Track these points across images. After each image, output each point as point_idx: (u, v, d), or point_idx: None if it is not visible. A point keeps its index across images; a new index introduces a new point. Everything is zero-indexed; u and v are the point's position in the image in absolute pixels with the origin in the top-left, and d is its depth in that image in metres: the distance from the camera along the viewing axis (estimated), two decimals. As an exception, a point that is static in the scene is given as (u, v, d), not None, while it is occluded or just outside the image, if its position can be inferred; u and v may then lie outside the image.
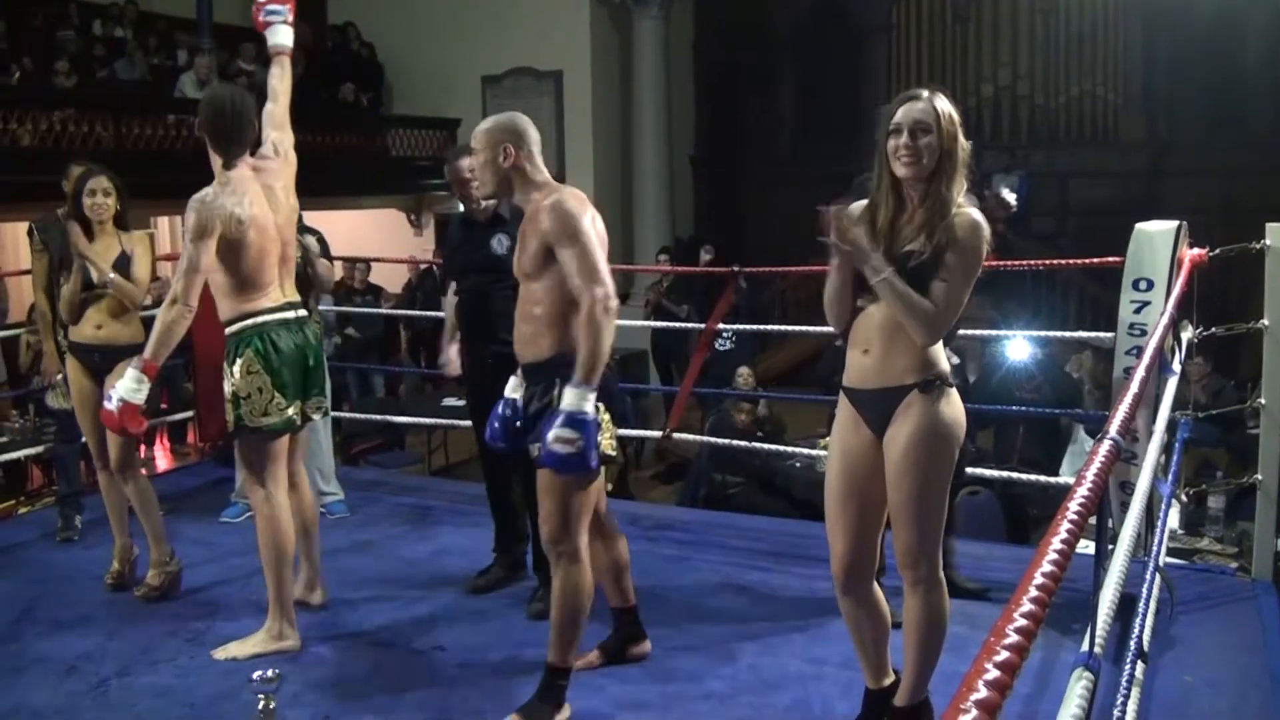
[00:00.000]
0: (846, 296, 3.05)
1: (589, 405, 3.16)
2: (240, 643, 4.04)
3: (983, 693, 1.00)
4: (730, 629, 4.22)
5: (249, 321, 3.93)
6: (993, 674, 1.03)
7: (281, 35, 4.42)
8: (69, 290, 4.61)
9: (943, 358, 2.99)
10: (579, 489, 3.36)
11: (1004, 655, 1.07)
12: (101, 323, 4.64)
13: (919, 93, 2.93)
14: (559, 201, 3.31)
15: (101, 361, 4.63)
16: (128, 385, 3.73)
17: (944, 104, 2.90)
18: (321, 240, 5.35)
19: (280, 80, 4.35)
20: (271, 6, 4.45)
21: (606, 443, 3.32)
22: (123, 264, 4.63)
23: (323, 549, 4.51)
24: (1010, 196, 3.72)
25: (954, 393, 3.00)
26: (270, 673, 3.41)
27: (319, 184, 3.38)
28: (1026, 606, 1.17)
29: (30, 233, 5.07)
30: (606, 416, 3.33)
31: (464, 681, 3.76)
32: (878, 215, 2.98)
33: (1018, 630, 1.12)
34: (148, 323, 4.65)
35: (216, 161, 4.00)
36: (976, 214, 2.90)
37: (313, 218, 4.56)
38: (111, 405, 3.76)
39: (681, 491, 8.71)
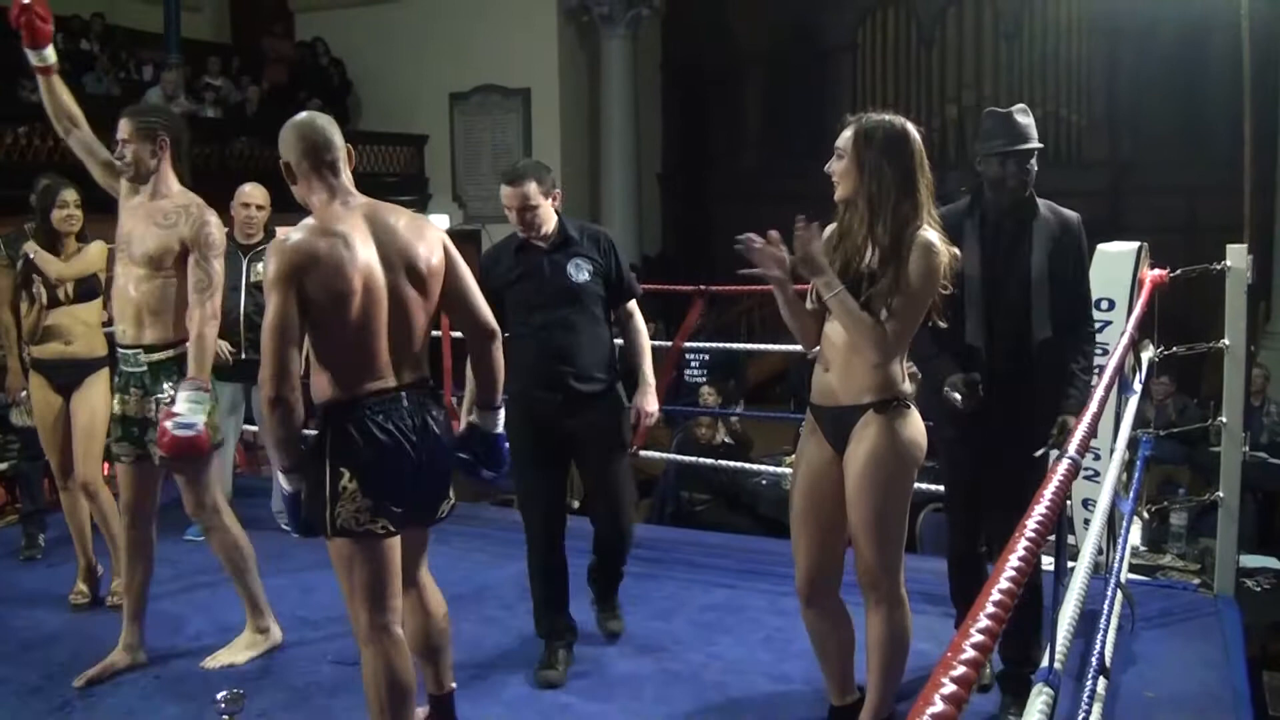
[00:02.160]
0: (801, 314, 3.09)
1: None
2: (229, 650, 4.09)
3: (939, 707, 1.02)
4: (696, 646, 4.23)
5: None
6: (949, 689, 1.04)
7: (53, 52, 3.99)
8: (36, 307, 4.59)
9: (902, 378, 3.02)
10: (359, 562, 2.92)
11: (960, 670, 1.08)
12: (70, 339, 4.63)
13: (856, 117, 2.97)
14: (284, 240, 2.85)
15: (70, 376, 4.62)
16: (193, 406, 3.66)
17: (870, 127, 2.92)
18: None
19: (74, 104, 4.09)
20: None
21: (348, 514, 2.86)
22: (92, 277, 4.64)
23: (291, 567, 4.50)
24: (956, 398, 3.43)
25: (913, 413, 3.03)
26: (234, 691, 3.39)
27: (285, 199, 3.35)
28: (983, 623, 1.19)
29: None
30: (354, 485, 2.85)
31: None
32: (836, 234, 3.03)
33: (974, 646, 1.14)
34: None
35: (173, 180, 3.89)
36: (932, 235, 2.92)
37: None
38: (192, 432, 3.64)
39: (649, 508, 8.71)
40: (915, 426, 3.03)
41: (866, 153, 2.90)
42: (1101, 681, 2.96)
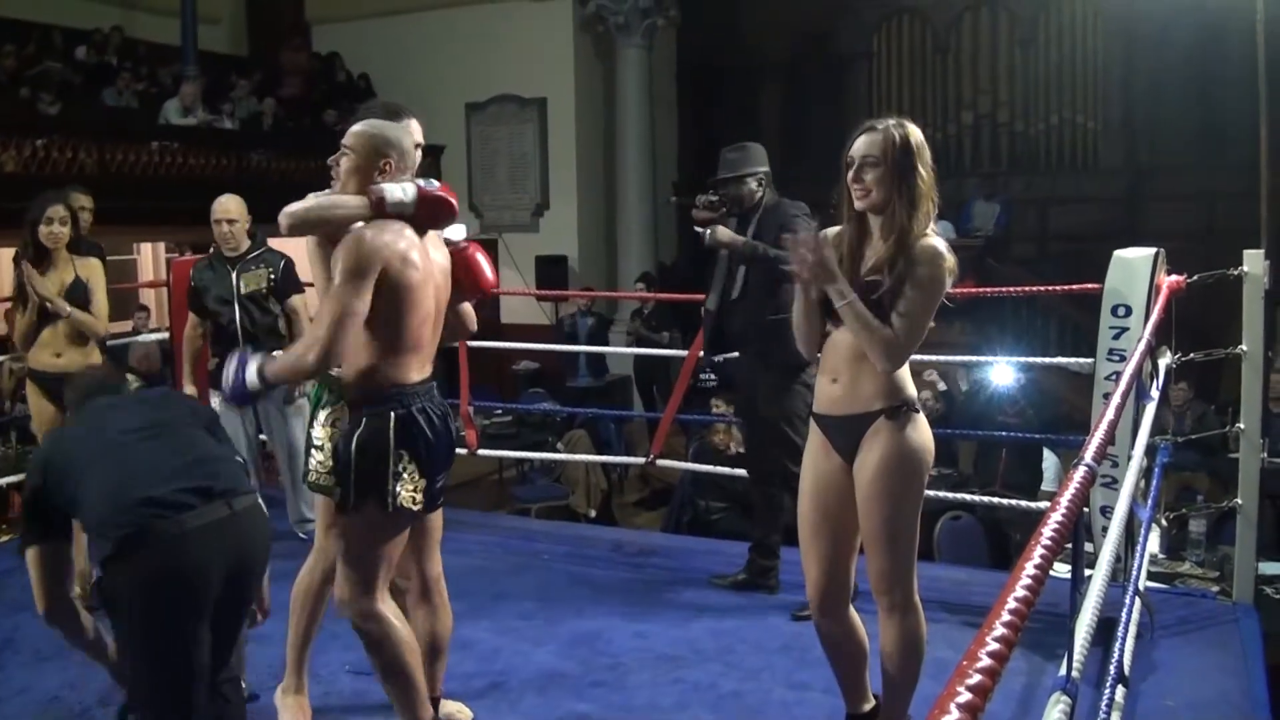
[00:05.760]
0: (814, 321, 3.08)
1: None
2: None
3: (954, 715, 1.02)
4: (714, 655, 4.22)
5: None
6: (964, 697, 1.04)
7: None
8: (25, 321, 4.65)
9: (910, 384, 3.02)
10: (391, 539, 3.11)
11: (976, 678, 1.08)
12: (60, 350, 4.70)
13: (876, 124, 2.96)
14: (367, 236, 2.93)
15: (63, 389, 4.68)
16: None
17: (901, 134, 2.92)
18: (289, 267, 5.41)
19: None
20: None
21: (407, 494, 3.04)
22: (78, 291, 4.68)
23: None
24: None
25: (921, 418, 3.03)
26: (247, 694, 3.40)
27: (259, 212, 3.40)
28: (999, 630, 1.19)
29: (16, 259, 5.07)
30: (413, 467, 3.05)
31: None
32: (843, 242, 3.03)
33: (990, 654, 1.14)
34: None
35: None
36: (938, 242, 2.93)
37: (291, 243, 4.52)
38: None
39: (665, 517, 8.70)
40: (924, 432, 3.03)
41: (901, 158, 2.91)
42: (1120, 689, 2.95)
